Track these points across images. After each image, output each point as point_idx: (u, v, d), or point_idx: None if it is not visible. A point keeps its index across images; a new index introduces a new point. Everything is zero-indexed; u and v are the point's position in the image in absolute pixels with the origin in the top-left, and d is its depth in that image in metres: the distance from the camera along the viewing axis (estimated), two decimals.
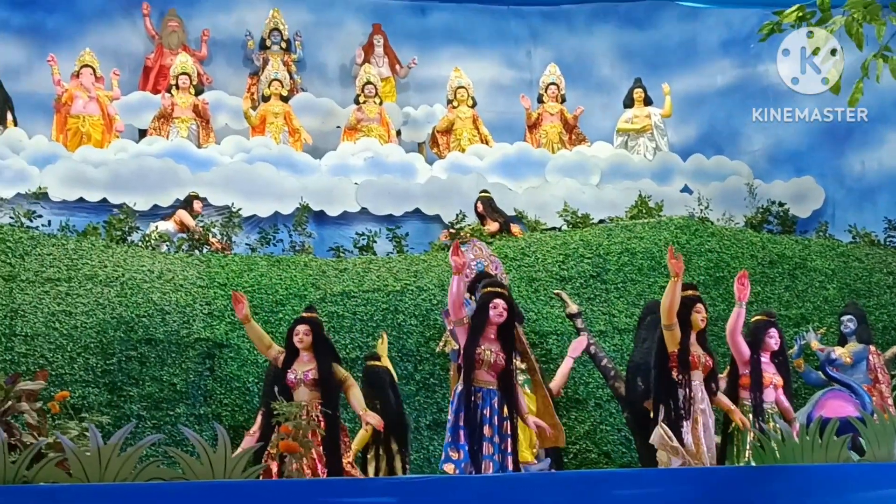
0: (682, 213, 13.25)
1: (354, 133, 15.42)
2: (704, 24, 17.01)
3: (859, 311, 10.78)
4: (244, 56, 16.72)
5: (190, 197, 13.35)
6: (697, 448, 7.61)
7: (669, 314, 7.91)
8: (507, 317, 7.94)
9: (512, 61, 17.30)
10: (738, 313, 8.45)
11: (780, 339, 8.65)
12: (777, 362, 8.64)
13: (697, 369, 7.97)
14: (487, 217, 13.37)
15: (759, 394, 8.37)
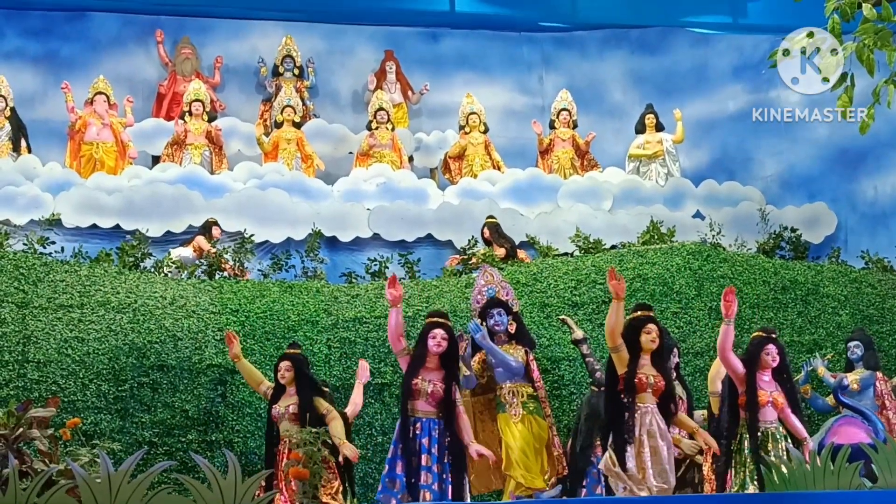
0: (695, 238, 13.24)
1: (367, 159, 15.45)
2: (716, 50, 17.06)
3: (866, 337, 10.73)
4: (257, 83, 16.79)
5: (208, 223, 13.38)
6: (642, 474, 7.46)
7: (613, 336, 7.82)
8: (448, 347, 8.14)
9: (524, 87, 17.35)
10: (726, 331, 8.28)
11: (781, 356, 8.37)
12: (779, 380, 8.39)
13: (646, 392, 7.76)
14: (494, 243, 13.37)
15: (754, 413, 8.11)
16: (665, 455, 7.63)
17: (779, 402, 8.18)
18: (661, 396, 7.80)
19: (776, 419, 8.17)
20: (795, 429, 8.18)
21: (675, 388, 8.16)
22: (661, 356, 7.93)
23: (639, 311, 8.11)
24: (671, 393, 7.86)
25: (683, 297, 11.85)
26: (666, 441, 7.69)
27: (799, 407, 8.34)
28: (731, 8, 17.25)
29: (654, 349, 7.88)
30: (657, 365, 7.86)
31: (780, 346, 8.32)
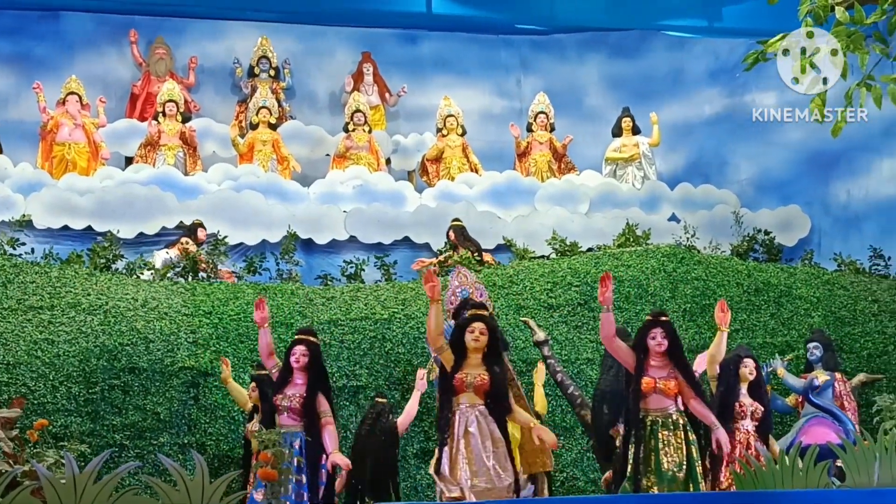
0: (670, 241, 13.27)
1: (343, 161, 15.42)
2: (692, 54, 17.11)
3: (825, 338, 10.75)
4: (232, 84, 16.73)
5: (194, 225, 13.33)
6: (454, 474, 7.28)
7: (432, 339, 7.73)
8: (309, 361, 8.05)
9: (502, 90, 17.35)
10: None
11: (670, 338, 7.86)
12: (677, 365, 7.88)
13: (466, 392, 7.48)
14: (460, 245, 13.35)
15: (636, 401, 7.74)
16: (487, 454, 7.37)
17: (669, 388, 7.72)
18: (488, 396, 7.54)
19: (669, 406, 7.74)
20: (702, 415, 7.75)
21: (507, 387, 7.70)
22: (494, 357, 7.62)
23: (471, 311, 7.92)
24: (498, 392, 7.51)
25: (658, 298, 11.86)
26: (491, 439, 7.42)
27: (702, 392, 7.86)
28: (707, 11, 17.31)
29: (478, 348, 7.60)
30: (487, 364, 7.60)
31: (669, 329, 7.85)
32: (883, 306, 12.38)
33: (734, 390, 8.53)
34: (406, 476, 10.44)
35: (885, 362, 11.77)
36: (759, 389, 8.62)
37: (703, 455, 7.70)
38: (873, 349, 11.85)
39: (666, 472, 7.55)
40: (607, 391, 8.74)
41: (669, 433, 7.70)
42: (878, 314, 12.25)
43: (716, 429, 7.65)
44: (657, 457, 7.59)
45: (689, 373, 7.83)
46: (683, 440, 7.68)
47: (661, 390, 7.75)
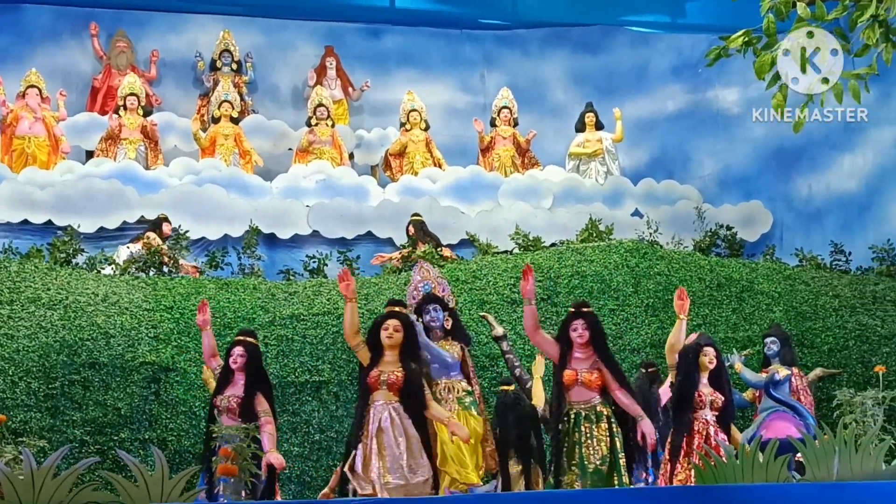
0: (632, 236, 13.30)
1: (306, 155, 15.37)
2: (655, 50, 17.17)
3: (783, 333, 10.80)
4: (194, 77, 16.65)
5: (159, 219, 13.24)
6: (366, 471, 7.40)
7: (348, 336, 7.87)
8: (247, 361, 8.19)
9: (465, 85, 17.35)
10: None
11: (592, 330, 7.80)
12: (600, 357, 7.82)
13: (379, 389, 7.58)
14: (419, 240, 13.34)
15: (559, 394, 7.74)
16: (400, 451, 7.41)
17: (592, 380, 7.68)
18: (400, 392, 7.56)
19: (593, 398, 7.69)
20: (626, 406, 7.70)
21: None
22: (409, 353, 7.67)
23: (388, 307, 8.03)
24: (412, 389, 7.53)
25: (621, 293, 11.89)
26: (405, 435, 7.46)
27: (628, 383, 7.80)
28: (670, 7, 17.40)
29: (393, 345, 7.66)
30: (403, 361, 7.63)
31: (591, 321, 7.81)
32: (843, 301, 12.46)
33: (693, 379, 8.34)
34: None
35: (846, 357, 11.84)
36: (719, 378, 8.44)
37: (627, 447, 7.66)
38: (834, 344, 11.92)
39: (588, 465, 7.54)
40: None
41: (592, 426, 7.66)
42: (838, 309, 12.33)
43: (640, 419, 7.61)
44: (580, 450, 7.57)
45: (613, 364, 7.80)
46: (607, 433, 7.65)
47: (584, 382, 7.71)
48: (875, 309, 12.49)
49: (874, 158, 14.63)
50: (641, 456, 7.87)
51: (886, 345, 12.00)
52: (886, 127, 14.41)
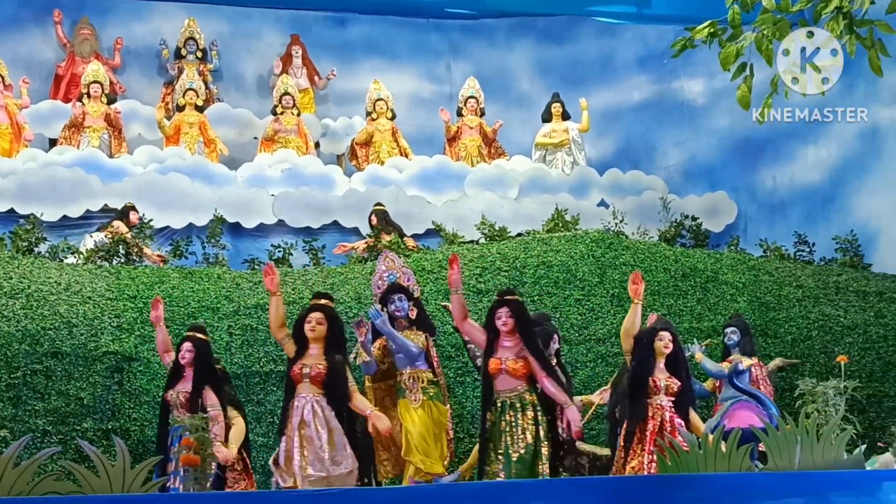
0: (598, 226, 13.31)
1: (272, 144, 15.31)
2: (621, 40, 17.19)
3: (743, 323, 10.85)
4: (159, 65, 16.55)
5: (126, 208, 13.14)
6: (288, 464, 7.51)
7: (273, 330, 8.10)
8: (194, 357, 8.37)
9: (432, 74, 17.33)
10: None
11: (516, 318, 7.78)
12: (527, 346, 7.84)
13: (302, 382, 7.72)
14: (382, 230, 13.32)
15: (487, 383, 7.75)
16: (321, 443, 7.45)
17: (517, 368, 7.66)
18: (323, 385, 7.64)
19: (518, 387, 7.69)
20: (552, 394, 7.67)
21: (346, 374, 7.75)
22: (334, 346, 7.74)
23: (312, 301, 8.09)
24: (335, 380, 7.61)
25: (586, 284, 11.91)
26: (328, 428, 7.52)
27: (554, 371, 7.77)
28: None
29: (316, 338, 7.74)
30: (327, 353, 7.70)
31: (515, 309, 7.79)
32: (807, 292, 12.54)
33: (647, 364, 8.23)
34: None
35: (809, 347, 11.93)
36: (676, 364, 8.33)
37: (554, 436, 7.61)
38: (797, 334, 12.00)
39: (512, 454, 7.55)
40: None
41: (517, 414, 7.67)
42: (802, 299, 12.41)
43: (567, 407, 7.62)
44: (505, 439, 7.58)
45: (538, 351, 7.78)
46: (532, 421, 7.64)
47: (509, 371, 7.72)
48: (838, 299, 12.58)
49: (838, 150, 14.70)
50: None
51: (849, 335, 12.09)
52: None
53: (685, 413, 8.23)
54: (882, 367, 11.91)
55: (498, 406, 7.69)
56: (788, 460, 5.96)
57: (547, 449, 7.56)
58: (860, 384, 9.55)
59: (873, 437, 10.51)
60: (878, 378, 11.82)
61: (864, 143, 14.36)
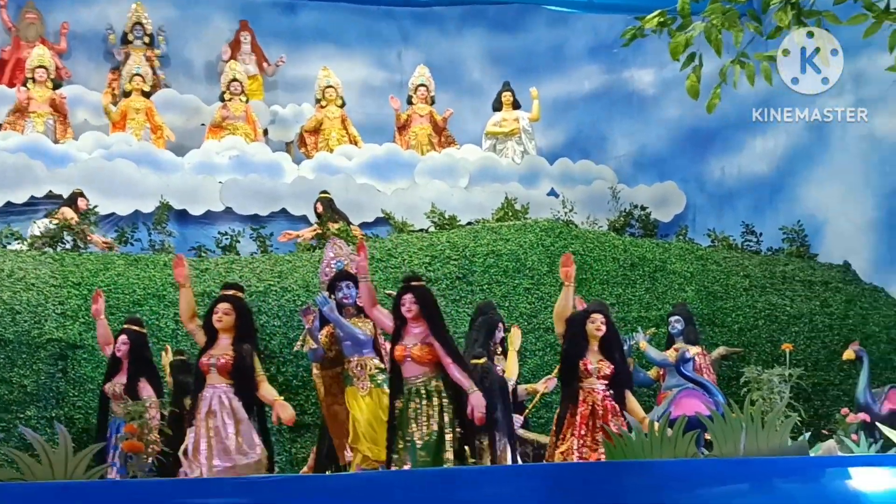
0: (548, 215, 13.33)
1: (220, 131, 15.19)
2: (573, 30, 17.20)
3: (687, 311, 10.90)
4: (105, 50, 16.35)
5: (74, 194, 12.99)
6: (195, 454, 7.44)
7: (184, 320, 8.11)
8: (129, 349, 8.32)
9: (382, 62, 17.24)
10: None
11: (419, 304, 7.65)
12: (433, 332, 7.69)
13: (210, 373, 7.67)
14: (328, 218, 13.25)
15: (394, 371, 7.70)
16: (227, 433, 7.42)
17: (422, 355, 7.58)
18: (231, 375, 7.60)
19: (424, 374, 7.62)
20: (457, 380, 7.54)
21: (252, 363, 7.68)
22: (242, 336, 7.71)
23: (222, 291, 8.09)
24: (241, 370, 7.57)
25: (536, 273, 11.92)
26: (234, 419, 7.48)
27: (460, 357, 7.60)
28: None
29: (224, 328, 7.72)
30: (235, 343, 7.67)
31: (419, 294, 7.68)
32: (754, 281, 12.64)
33: (578, 348, 8.10)
34: (281, 450, 10.33)
35: (755, 336, 12.02)
36: (609, 346, 8.16)
37: (461, 421, 7.55)
38: (744, 323, 12.09)
39: (417, 441, 7.53)
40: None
41: (422, 401, 7.62)
42: (749, 289, 12.50)
43: (471, 393, 7.50)
44: (410, 426, 7.56)
45: (443, 337, 7.65)
46: (438, 408, 7.60)
47: (413, 357, 7.64)
48: (784, 289, 12.69)
49: (786, 141, 14.81)
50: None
51: (795, 324, 12.21)
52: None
53: (621, 396, 8.11)
54: (827, 355, 12.03)
55: (405, 393, 7.67)
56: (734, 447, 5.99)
57: (451, 436, 7.53)
58: (805, 372, 9.67)
59: (818, 424, 10.62)
60: (823, 367, 11.95)
61: (811, 134, 14.47)
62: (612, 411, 7.95)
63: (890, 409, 9.84)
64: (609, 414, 7.89)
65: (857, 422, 9.56)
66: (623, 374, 8.21)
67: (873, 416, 9.65)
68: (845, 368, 11.60)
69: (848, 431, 9.40)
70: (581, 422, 7.85)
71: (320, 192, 13.60)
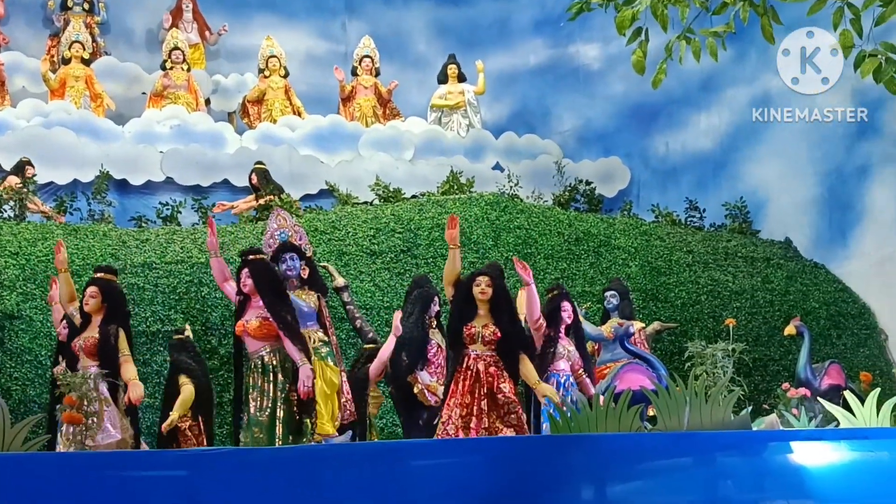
0: (493, 189, 13.34)
1: (161, 100, 14.97)
2: (518, 3, 17.15)
3: (622, 286, 10.92)
4: (44, 17, 16.06)
5: (21, 162, 12.75)
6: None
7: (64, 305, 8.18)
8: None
9: (327, 32, 17.10)
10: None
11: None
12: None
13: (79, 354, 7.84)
14: (262, 189, 13.15)
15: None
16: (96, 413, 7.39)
17: (255, 329, 7.65)
18: (96, 356, 7.70)
19: (261, 349, 7.66)
20: (290, 354, 7.54)
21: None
22: (109, 318, 7.77)
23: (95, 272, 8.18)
24: (104, 350, 7.64)
25: (481, 247, 11.92)
26: (98, 400, 7.37)
27: (292, 328, 7.57)
28: None
29: (92, 310, 7.82)
30: (101, 325, 7.76)
31: (253, 270, 7.76)
32: (697, 257, 12.73)
33: (461, 313, 7.74)
34: (223, 422, 10.25)
35: (698, 311, 12.12)
36: (499, 310, 7.72)
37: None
38: (687, 298, 12.18)
39: (252, 416, 7.55)
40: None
41: (258, 377, 7.64)
42: (692, 264, 12.60)
43: (300, 366, 7.50)
44: (249, 401, 7.58)
45: (275, 310, 7.64)
46: (272, 383, 7.61)
47: (250, 332, 7.67)
48: (727, 265, 12.80)
49: (730, 117, 14.90)
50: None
51: (737, 300, 12.31)
52: (742, 86, 14.67)
53: (513, 361, 7.68)
54: (768, 331, 12.17)
55: (247, 369, 7.69)
56: (677, 421, 6.00)
57: (283, 411, 7.54)
58: (747, 347, 9.73)
59: (759, 399, 10.74)
60: (764, 342, 12.08)
61: (754, 110, 14.55)
62: (498, 377, 7.57)
63: (830, 383, 9.95)
64: (496, 381, 7.54)
65: (797, 396, 9.66)
66: (514, 339, 7.72)
67: (813, 390, 9.76)
68: (786, 344, 11.74)
69: (789, 406, 9.51)
70: (464, 390, 7.53)
71: (255, 163, 13.47)
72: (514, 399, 7.49)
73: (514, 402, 7.47)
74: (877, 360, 12.46)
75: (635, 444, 5.80)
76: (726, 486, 5.96)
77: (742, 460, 6.00)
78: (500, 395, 7.46)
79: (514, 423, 7.43)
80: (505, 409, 7.45)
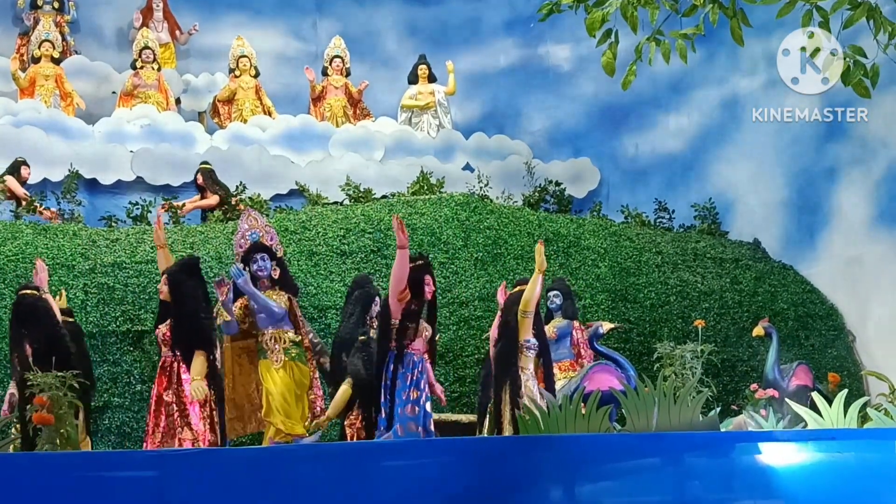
0: (463, 190, 13.35)
1: (131, 99, 14.91)
2: (489, 4, 17.14)
3: (565, 286, 10.89)
4: (14, 15, 15.93)
5: (17, 163, 12.69)
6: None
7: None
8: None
9: (297, 32, 17.04)
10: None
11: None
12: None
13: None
14: (208, 189, 13.13)
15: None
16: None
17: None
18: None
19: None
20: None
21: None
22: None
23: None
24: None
25: (451, 247, 11.93)
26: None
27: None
28: None
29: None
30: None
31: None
32: (666, 258, 12.79)
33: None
34: None
35: (667, 312, 12.17)
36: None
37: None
38: (656, 299, 12.23)
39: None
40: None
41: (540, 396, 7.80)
42: (661, 265, 12.65)
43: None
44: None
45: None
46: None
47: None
48: (696, 266, 12.86)
49: (699, 119, 14.98)
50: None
51: (705, 300, 12.38)
52: (711, 87, 14.75)
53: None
54: (737, 332, 12.23)
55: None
56: (646, 422, 6.05)
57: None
58: (716, 348, 9.81)
59: (727, 400, 10.80)
60: (733, 343, 12.14)
61: (724, 112, 14.65)
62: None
63: (797, 384, 10.01)
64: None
65: (765, 397, 9.73)
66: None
67: (781, 391, 9.82)
68: (754, 345, 11.81)
69: (757, 407, 9.58)
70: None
71: (201, 163, 13.45)
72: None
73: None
74: (844, 362, 12.55)
75: (604, 445, 5.84)
76: (694, 487, 6.02)
77: (710, 461, 6.06)
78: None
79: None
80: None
